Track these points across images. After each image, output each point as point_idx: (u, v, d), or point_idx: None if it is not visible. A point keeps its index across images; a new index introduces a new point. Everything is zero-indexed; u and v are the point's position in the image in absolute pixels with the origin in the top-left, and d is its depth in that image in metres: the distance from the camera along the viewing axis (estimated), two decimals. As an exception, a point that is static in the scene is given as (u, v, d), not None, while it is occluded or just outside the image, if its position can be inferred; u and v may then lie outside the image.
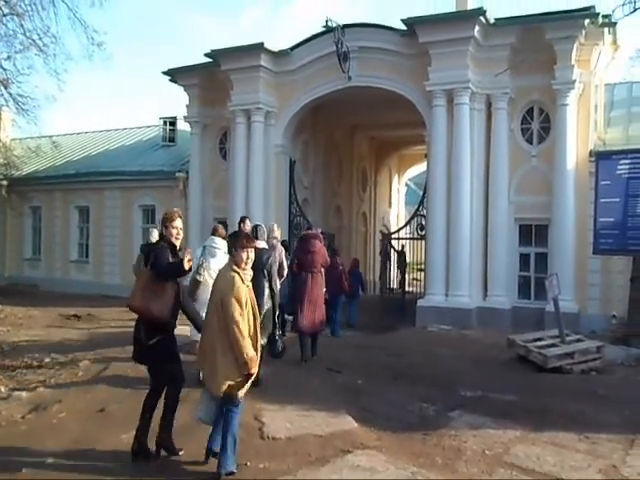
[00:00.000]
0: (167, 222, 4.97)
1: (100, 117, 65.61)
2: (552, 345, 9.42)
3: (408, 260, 17.79)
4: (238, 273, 4.57)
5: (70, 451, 5.05)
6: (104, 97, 72.71)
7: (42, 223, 22.63)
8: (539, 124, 14.04)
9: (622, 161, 9.99)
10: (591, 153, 13.26)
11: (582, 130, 13.41)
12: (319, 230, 9.84)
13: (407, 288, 17.14)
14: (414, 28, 13.79)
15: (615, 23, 12.80)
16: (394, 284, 17.27)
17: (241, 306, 4.47)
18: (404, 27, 14.12)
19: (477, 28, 13.20)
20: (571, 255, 13.24)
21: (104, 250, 20.84)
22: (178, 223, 5.00)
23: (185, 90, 18.16)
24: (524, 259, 14.32)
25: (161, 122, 22.33)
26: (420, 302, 14.10)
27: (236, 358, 4.41)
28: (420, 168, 27.89)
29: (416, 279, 18.73)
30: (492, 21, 13.33)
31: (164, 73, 18.08)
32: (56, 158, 22.98)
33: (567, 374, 8.75)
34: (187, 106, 18.18)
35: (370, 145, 23.09)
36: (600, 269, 13.34)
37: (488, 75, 13.58)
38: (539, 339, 9.75)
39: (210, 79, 17.27)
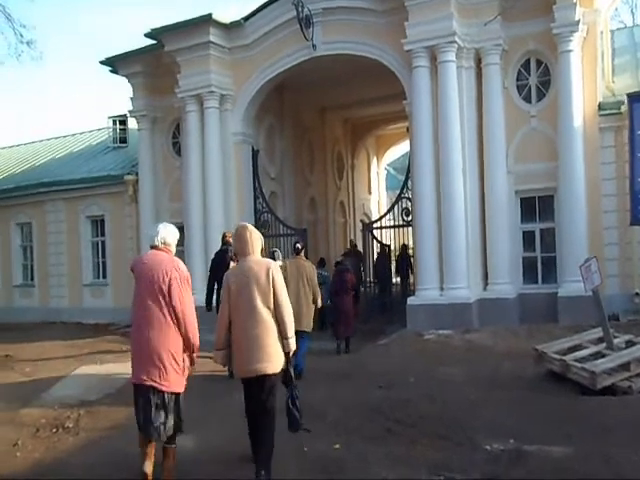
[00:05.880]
0: None
1: (48, 125, 60.38)
2: (597, 354, 7.23)
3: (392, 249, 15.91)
4: None
5: None
6: (51, 102, 67.28)
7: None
8: (537, 78, 12.12)
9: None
10: (600, 106, 11.51)
11: (588, 81, 11.53)
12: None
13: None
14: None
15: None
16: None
17: None
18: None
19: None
20: (583, 228, 11.44)
21: (49, 270, 18.41)
22: None
23: (128, 80, 15.97)
24: (528, 237, 12.45)
25: (110, 122, 20.06)
26: (411, 300, 12.05)
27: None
28: (399, 151, 26.18)
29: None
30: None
31: (102, 63, 15.86)
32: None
33: (624, 395, 6.47)
34: (131, 99, 16.02)
35: (344, 127, 20.96)
36: (618, 241, 11.73)
37: (476, 25, 11.69)
38: (576, 347, 7.63)
39: (155, 65, 15.14)
